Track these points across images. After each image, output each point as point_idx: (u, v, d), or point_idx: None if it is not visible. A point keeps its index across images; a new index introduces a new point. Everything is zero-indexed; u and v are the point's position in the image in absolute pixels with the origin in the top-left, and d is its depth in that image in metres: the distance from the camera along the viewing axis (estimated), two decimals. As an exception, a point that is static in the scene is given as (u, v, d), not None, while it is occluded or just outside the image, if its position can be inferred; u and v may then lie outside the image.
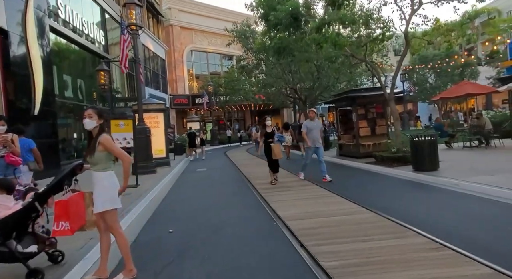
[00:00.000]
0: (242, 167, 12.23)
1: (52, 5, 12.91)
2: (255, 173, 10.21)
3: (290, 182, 8.20)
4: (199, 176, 10.54)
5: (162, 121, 12.70)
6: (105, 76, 10.40)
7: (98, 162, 3.09)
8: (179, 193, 7.80)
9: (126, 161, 3.10)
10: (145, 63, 26.38)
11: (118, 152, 3.10)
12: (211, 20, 36.06)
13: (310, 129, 8.00)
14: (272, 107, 35.01)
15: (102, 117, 3.16)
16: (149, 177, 9.80)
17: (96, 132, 3.12)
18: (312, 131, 8.01)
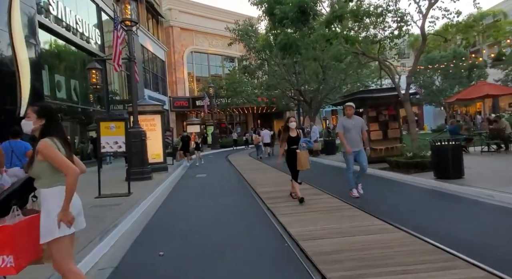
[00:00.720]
0: (244, 172, 11.46)
1: (43, 0, 12.24)
2: (259, 180, 9.45)
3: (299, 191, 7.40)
4: (198, 183, 9.76)
5: (159, 124, 11.94)
6: (97, 75, 9.66)
7: (40, 175, 2.33)
8: (175, 203, 7.02)
9: (69, 175, 2.29)
10: (144, 64, 25.74)
11: (59, 162, 2.30)
12: (212, 21, 35.53)
13: (348, 129, 6.31)
14: (275, 110, 34.33)
15: (44, 117, 2.43)
16: (143, 184, 9.02)
17: (38, 136, 2.37)
18: (350, 131, 6.29)
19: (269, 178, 9.88)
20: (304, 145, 6.25)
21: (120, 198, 7.00)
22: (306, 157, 6.17)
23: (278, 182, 9.03)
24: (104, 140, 7.29)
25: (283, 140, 6.28)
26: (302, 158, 6.12)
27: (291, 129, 6.25)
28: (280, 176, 10.19)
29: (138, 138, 9.81)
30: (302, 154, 6.12)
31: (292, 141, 6.25)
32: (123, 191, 7.49)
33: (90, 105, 16.69)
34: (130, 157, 7.60)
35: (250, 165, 14.20)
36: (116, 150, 7.36)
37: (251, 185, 8.55)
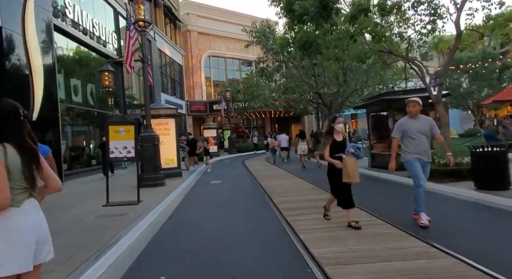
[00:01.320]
0: (261, 178, 10.87)
1: (60, 4, 12.14)
2: (276, 187, 8.83)
3: (319, 200, 6.74)
4: (212, 190, 9.24)
5: (174, 128, 11.54)
6: (109, 78, 9.36)
7: None
8: (186, 213, 6.50)
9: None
10: (161, 69, 25.69)
11: None
12: (229, 25, 35.35)
13: (410, 134, 4.72)
14: (293, 114, 33.66)
15: None
16: (155, 191, 8.58)
17: None
18: (415, 136, 4.70)
19: (287, 185, 9.25)
20: (352, 151, 4.73)
21: (128, 207, 6.55)
22: (354, 165, 4.63)
23: (296, 189, 8.39)
24: (113, 144, 6.89)
25: (325, 145, 4.80)
26: (350, 165, 4.55)
27: (336, 132, 4.77)
28: (298, 183, 9.56)
29: (150, 143, 9.42)
30: (349, 160, 4.60)
31: (337, 146, 4.73)
32: (133, 198, 7.05)
33: (107, 110, 16.57)
34: (138, 162, 7.15)
35: (267, 171, 13.59)
36: (125, 155, 6.94)
37: (268, 193, 7.95)
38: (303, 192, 7.93)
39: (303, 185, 9.11)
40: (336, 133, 4.80)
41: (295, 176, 11.22)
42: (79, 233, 4.89)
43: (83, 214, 6.12)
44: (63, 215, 6.18)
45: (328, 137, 4.83)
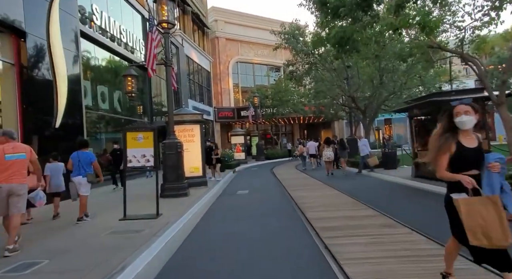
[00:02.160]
0: (291, 189, 10.02)
1: (87, 10, 12.07)
2: (308, 199, 7.96)
3: (362, 218, 5.80)
4: (238, 202, 8.51)
5: (199, 134, 10.98)
6: (133, 83, 8.96)
7: None
8: (208, 230, 5.80)
9: None
10: (189, 75, 25.59)
11: None
12: (257, 30, 35.02)
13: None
14: (322, 120, 32.53)
15: None
16: (177, 202, 7.99)
17: None
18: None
19: (320, 197, 8.34)
20: (496, 168, 2.47)
21: (145, 222, 5.96)
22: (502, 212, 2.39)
23: (331, 203, 7.47)
24: (130, 152, 6.35)
25: (440, 153, 2.61)
26: (494, 214, 2.38)
27: (461, 132, 2.60)
28: (333, 195, 8.61)
29: (173, 151, 8.88)
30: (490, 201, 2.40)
31: (467, 158, 2.57)
32: (154, 211, 6.46)
33: (134, 116, 16.48)
34: (157, 172, 6.56)
35: (297, 180, 12.71)
36: (144, 164, 6.38)
37: (299, 206, 7.10)
38: (340, 206, 7.00)
39: (339, 198, 8.17)
40: (464, 135, 2.60)
41: (328, 186, 10.28)
42: (86, 254, 4.31)
43: (98, 229, 5.58)
44: (77, 230, 5.68)
45: (446, 141, 2.59)
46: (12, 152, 4.52)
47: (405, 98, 14.30)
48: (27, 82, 8.37)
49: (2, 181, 4.41)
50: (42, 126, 8.73)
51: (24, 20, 8.20)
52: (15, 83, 8.17)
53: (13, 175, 4.46)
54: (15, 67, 8.18)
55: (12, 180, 4.44)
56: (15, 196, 4.44)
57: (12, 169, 4.46)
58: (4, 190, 4.41)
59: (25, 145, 4.94)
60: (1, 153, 4.47)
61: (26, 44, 8.31)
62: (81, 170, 6.12)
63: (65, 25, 9.81)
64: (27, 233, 5.43)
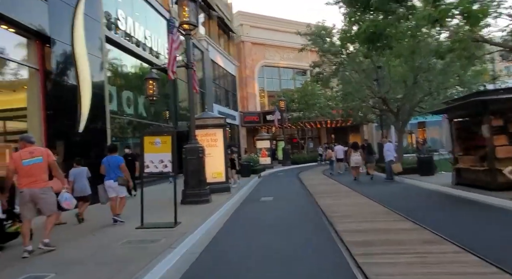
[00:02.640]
0: (317, 195, 9.43)
1: (112, 16, 12.16)
2: (336, 208, 7.36)
3: (399, 232, 5.16)
4: (261, 210, 8.04)
5: (222, 139, 10.66)
6: (154, 86, 8.79)
7: None
8: (227, 240, 5.37)
9: None
10: (214, 80, 25.56)
11: None
12: (283, 34, 34.65)
13: None
14: (350, 123, 31.47)
15: None
16: (198, 209, 7.65)
17: None
18: None
19: (350, 206, 7.71)
20: None
21: (162, 231, 5.63)
22: None
23: (362, 212, 6.83)
24: (148, 157, 6.08)
25: None
26: None
27: None
28: (364, 204, 7.94)
29: (194, 156, 8.58)
30: None
31: None
32: (167, 220, 6.14)
33: (159, 121, 16.49)
34: (175, 179, 6.24)
35: (324, 186, 12.06)
36: (162, 170, 6.08)
37: (327, 216, 6.52)
38: (372, 217, 6.36)
39: (371, 207, 7.51)
40: None
41: (358, 193, 9.58)
42: (95, 267, 4.02)
43: (113, 238, 5.32)
44: (94, 238, 5.45)
45: None
46: (29, 157, 4.52)
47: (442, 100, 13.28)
48: (51, 87, 8.39)
49: (24, 186, 4.47)
50: (66, 131, 8.71)
51: (48, 26, 8.23)
52: (39, 88, 8.20)
53: (34, 179, 4.49)
54: (39, 72, 8.22)
55: (34, 185, 4.48)
56: (40, 199, 4.53)
57: (31, 174, 4.48)
58: (26, 195, 4.46)
59: (42, 148, 4.87)
60: (18, 158, 4.50)
61: (51, 49, 8.34)
62: (111, 174, 6.31)
63: (90, 31, 9.85)
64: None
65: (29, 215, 4.56)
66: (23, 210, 4.53)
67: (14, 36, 7.80)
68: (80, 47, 9.31)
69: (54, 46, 8.44)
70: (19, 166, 4.47)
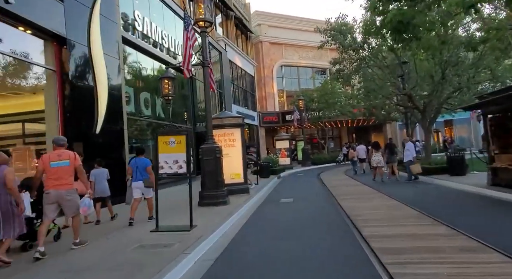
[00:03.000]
0: (340, 197, 8.96)
1: (129, 17, 12.15)
2: (362, 211, 6.89)
3: (432, 238, 4.67)
4: (281, 213, 7.68)
5: (240, 139, 10.36)
6: (169, 86, 8.60)
7: None
8: (244, 247, 5.04)
9: None
10: (233, 80, 25.40)
11: None
12: (301, 32, 34.15)
13: None
14: (372, 122, 30.55)
15: None
16: (215, 212, 7.37)
17: None
18: None
19: (377, 208, 7.21)
20: None
21: (177, 234, 5.38)
22: None
23: (390, 216, 6.34)
24: (162, 158, 5.85)
25: None
26: None
27: None
28: (391, 206, 7.42)
29: (211, 156, 8.32)
30: None
31: None
32: (183, 223, 5.89)
33: (177, 122, 16.43)
34: (191, 180, 5.98)
35: (346, 187, 11.53)
36: (176, 171, 5.84)
37: (352, 220, 6.08)
38: (403, 221, 5.86)
39: (399, 209, 6.99)
40: None
41: (384, 195, 9.04)
42: (104, 274, 3.79)
43: (126, 242, 5.11)
44: (104, 243, 5.25)
45: None
46: (57, 159, 4.69)
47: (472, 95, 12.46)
48: (69, 89, 8.36)
49: (51, 187, 4.62)
50: (83, 132, 8.66)
51: (65, 27, 8.21)
52: (56, 90, 8.19)
53: (60, 181, 4.64)
54: (56, 74, 8.21)
55: (60, 187, 4.63)
56: (65, 201, 4.68)
57: (58, 176, 4.63)
58: (52, 196, 4.61)
59: (71, 151, 4.95)
60: (47, 160, 4.67)
61: (68, 50, 8.31)
62: (138, 176, 6.41)
63: (107, 32, 9.81)
64: (58, 244, 5.17)
65: (52, 215, 4.71)
66: (47, 210, 4.64)
67: (31, 38, 7.82)
68: (97, 48, 9.27)
69: (71, 48, 8.42)
70: (47, 167, 4.62)
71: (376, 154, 12.67)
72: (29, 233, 4.72)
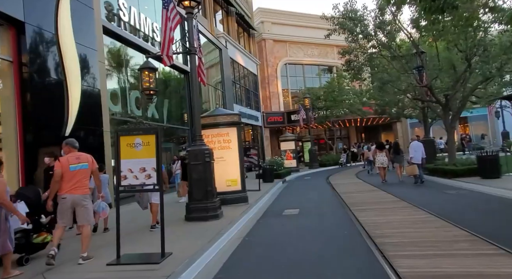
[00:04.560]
0: (356, 208, 7.46)
1: (112, 5, 10.83)
2: (387, 228, 5.38)
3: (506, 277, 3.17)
4: (284, 230, 6.20)
5: (236, 140, 8.92)
6: (150, 78, 7.21)
7: None
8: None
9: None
10: (234, 78, 24.04)
11: None
12: (306, 29, 32.88)
13: None
14: (382, 121, 28.96)
15: None
16: (201, 230, 5.94)
17: None
18: None
19: (406, 224, 5.70)
20: None
21: (142, 269, 3.97)
22: None
23: (432, 238, 4.76)
24: (125, 165, 4.45)
25: None
26: None
27: None
28: (426, 222, 5.80)
29: (199, 160, 6.90)
30: None
31: None
32: (154, 251, 4.46)
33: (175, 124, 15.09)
34: (162, 194, 4.55)
35: (361, 193, 10.02)
36: (144, 182, 4.42)
37: (377, 244, 4.58)
38: (446, 246, 4.33)
39: (434, 226, 5.46)
40: None
41: (409, 204, 7.50)
42: None
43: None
44: None
45: None
46: (76, 162, 4.50)
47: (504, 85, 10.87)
48: (29, 83, 7.03)
49: (67, 192, 4.42)
50: (48, 135, 7.31)
51: (23, 9, 6.89)
52: (13, 83, 6.86)
53: (77, 185, 4.44)
54: (13, 65, 6.89)
55: (75, 191, 4.43)
56: (80, 206, 4.46)
57: (75, 179, 4.44)
58: (68, 201, 4.42)
59: (88, 154, 4.72)
60: (66, 163, 4.44)
61: (27, 38, 6.99)
62: None
63: (81, 19, 8.49)
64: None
65: (68, 221, 4.54)
66: (63, 215, 4.44)
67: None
68: (67, 36, 7.91)
69: (33, 34, 7.11)
70: (66, 171, 4.41)
71: (380, 154, 12.42)
72: (25, 246, 4.48)
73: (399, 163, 12.43)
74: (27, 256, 4.50)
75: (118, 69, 11.77)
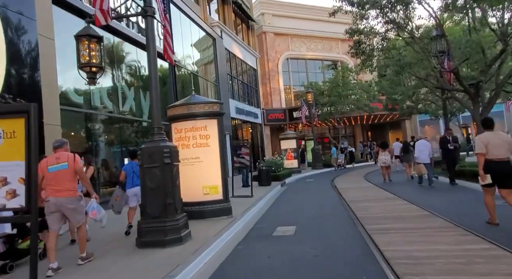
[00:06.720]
0: (372, 226, 5.47)
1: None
2: (426, 269, 3.37)
3: None
4: (270, 267, 4.23)
5: (216, 135, 6.93)
6: (93, 50, 5.23)
7: None
8: None
9: None
10: (230, 71, 22.12)
11: None
12: (309, 22, 31.05)
13: None
14: (390, 119, 26.98)
15: None
16: (149, 264, 4.01)
17: None
18: None
19: (464, 261, 3.70)
20: None
21: None
22: None
23: None
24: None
25: None
26: None
27: None
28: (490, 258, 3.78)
29: (156, 163, 4.94)
30: None
31: None
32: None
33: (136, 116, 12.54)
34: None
35: (374, 202, 8.00)
36: (5, 203, 2.47)
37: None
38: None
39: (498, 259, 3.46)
40: None
41: (446, 220, 5.49)
42: None
43: None
44: None
45: None
46: (55, 162, 4.20)
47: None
48: None
49: (50, 194, 4.15)
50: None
51: None
52: None
53: (59, 187, 4.14)
54: None
55: (59, 193, 4.14)
56: (66, 209, 4.18)
57: (56, 181, 4.15)
58: (51, 203, 4.13)
59: (70, 153, 4.35)
60: (44, 164, 4.16)
61: None
62: (135, 180, 5.77)
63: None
64: None
65: (55, 226, 4.19)
66: (49, 221, 4.17)
67: None
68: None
69: None
70: (45, 173, 4.12)
71: (383, 153, 12.24)
72: (9, 252, 4.20)
73: (408, 162, 12.27)
74: (12, 263, 4.22)
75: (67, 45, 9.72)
